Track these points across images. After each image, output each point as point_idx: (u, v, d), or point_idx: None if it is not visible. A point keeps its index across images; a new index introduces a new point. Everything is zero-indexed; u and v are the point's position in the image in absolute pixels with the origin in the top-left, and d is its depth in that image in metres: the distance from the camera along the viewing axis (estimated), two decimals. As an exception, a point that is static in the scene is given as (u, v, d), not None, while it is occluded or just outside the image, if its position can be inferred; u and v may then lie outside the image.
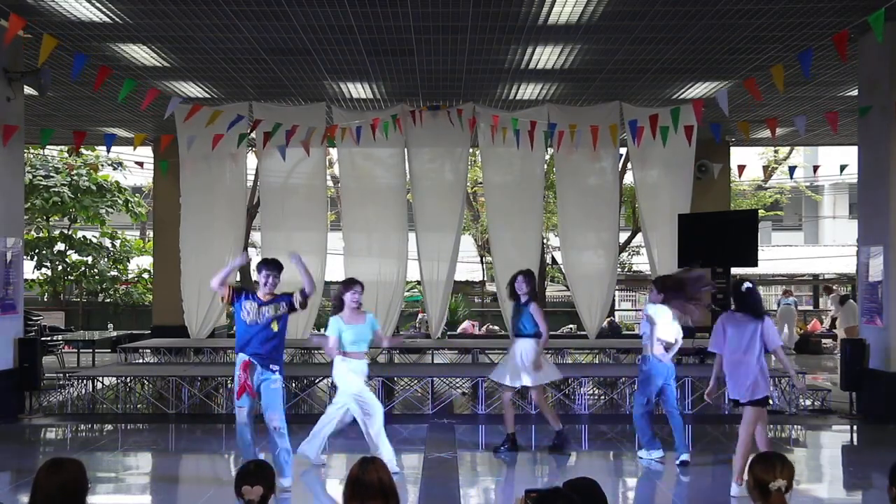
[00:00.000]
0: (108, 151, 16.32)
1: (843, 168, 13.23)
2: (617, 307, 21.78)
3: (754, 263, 11.38)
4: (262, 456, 6.99)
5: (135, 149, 15.32)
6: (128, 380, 11.32)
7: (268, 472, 3.72)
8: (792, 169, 17.87)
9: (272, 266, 7.04)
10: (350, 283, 7.61)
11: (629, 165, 14.76)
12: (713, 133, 11.97)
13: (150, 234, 21.44)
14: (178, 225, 13.91)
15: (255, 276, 7.22)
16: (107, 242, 21.13)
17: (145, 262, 21.74)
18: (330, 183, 19.24)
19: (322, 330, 8.80)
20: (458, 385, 12.17)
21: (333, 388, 7.85)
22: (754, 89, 9.68)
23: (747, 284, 6.75)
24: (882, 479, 5.89)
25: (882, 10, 7.30)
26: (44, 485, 3.43)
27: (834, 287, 21.19)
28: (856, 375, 10.35)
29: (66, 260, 20.60)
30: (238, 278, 14.50)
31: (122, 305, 21.17)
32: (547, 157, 15.95)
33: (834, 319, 18.97)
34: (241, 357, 6.96)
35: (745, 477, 3.65)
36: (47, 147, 20.31)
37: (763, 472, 3.49)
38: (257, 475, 3.68)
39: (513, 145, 12.69)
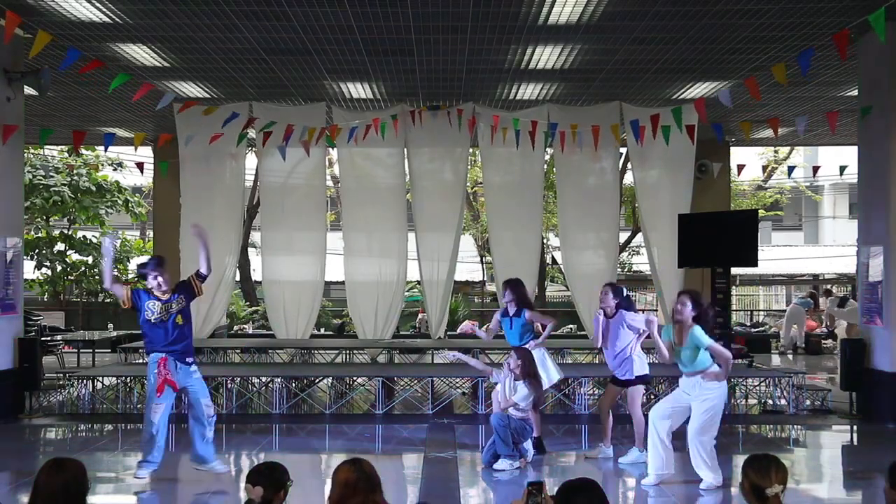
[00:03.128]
0: (106, 150, 16.29)
1: (842, 169, 13.23)
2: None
3: (754, 263, 11.37)
4: (262, 456, 7.02)
5: (136, 149, 15.32)
6: (128, 380, 11.31)
7: (277, 474, 3.69)
8: (791, 168, 17.88)
9: (152, 265, 7.14)
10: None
11: (629, 165, 14.75)
12: (715, 132, 11.96)
13: (150, 234, 21.45)
14: (178, 225, 13.90)
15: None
16: (107, 242, 21.10)
17: (145, 262, 21.72)
18: (330, 183, 19.25)
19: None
20: (458, 385, 12.17)
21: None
22: (754, 89, 9.67)
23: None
24: (882, 479, 5.89)
25: (882, 10, 7.29)
26: (44, 485, 3.43)
27: (833, 290, 21.21)
28: (856, 375, 10.35)
29: (66, 260, 20.60)
30: (233, 274, 14.46)
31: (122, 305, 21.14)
32: (547, 157, 15.95)
33: (832, 319, 19.00)
34: (155, 356, 7.01)
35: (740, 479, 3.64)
36: (47, 147, 20.31)
37: (758, 478, 3.47)
38: (264, 476, 3.66)
39: (513, 145, 12.68)
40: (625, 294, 8.13)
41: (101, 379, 11.26)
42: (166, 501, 7.19)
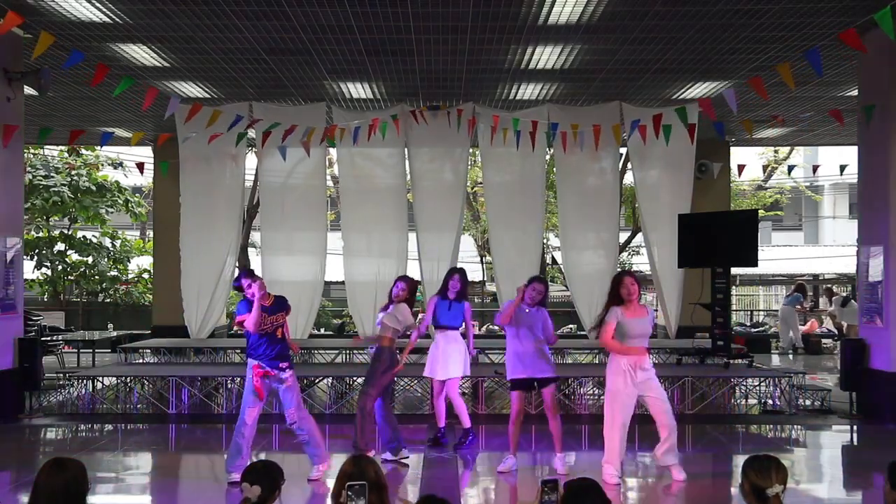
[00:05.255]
0: (102, 146, 16.23)
1: (843, 168, 13.24)
2: (617, 307, 21.74)
3: (754, 263, 11.36)
4: (263, 456, 7.03)
5: (132, 144, 15.28)
6: (128, 380, 11.32)
7: (274, 473, 3.70)
8: (790, 168, 17.85)
9: (243, 275, 7.27)
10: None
11: (629, 165, 14.75)
12: (717, 131, 11.95)
13: (150, 234, 21.46)
14: (178, 225, 13.91)
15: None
16: (107, 242, 21.13)
17: (145, 262, 21.74)
18: (330, 183, 19.26)
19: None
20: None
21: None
22: (761, 88, 9.64)
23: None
24: (882, 479, 5.91)
25: (888, 9, 7.27)
26: (45, 485, 3.43)
27: (835, 290, 21.17)
28: (856, 375, 10.36)
29: (66, 260, 20.60)
30: (233, 274, 14.49)
31: (122, 305, 21.16)
32: (547, 157, 15.97)
33: (834, 318, 18.98)
34: (252, 362, 7.13)
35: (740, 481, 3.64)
36: (47, 147, 20.31)
37: (759, 479, 3.47)
38: (261, 475, 3.66)
39: (513, 145, 12.68)
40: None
41: (101, 379, 11.26)
42: (167, 501, 7.19)
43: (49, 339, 14.81)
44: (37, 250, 20.00)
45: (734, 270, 12.77)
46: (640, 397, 7.19)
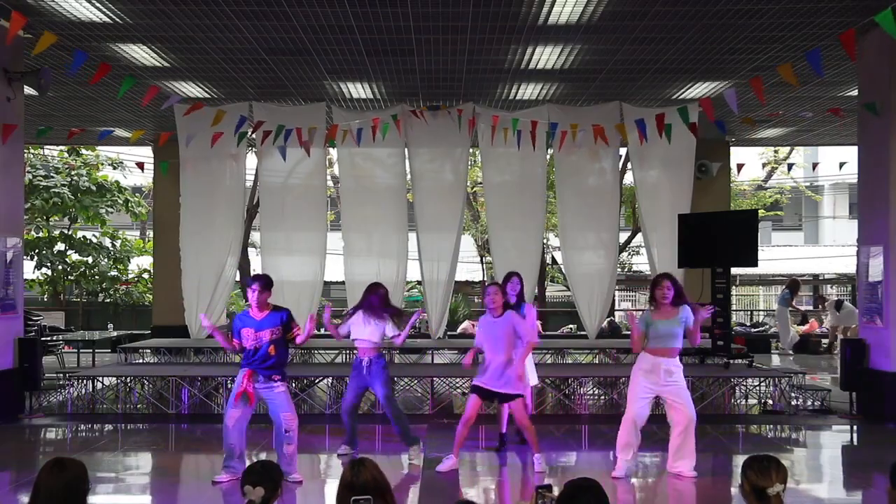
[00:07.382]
0: (100, 139, 16.20)
1: (841, 165, 13.25)
2: (617, 307, 21.80)
3: (754, 263, 11.37)
4: (263, 456, 7.04)
5: (132, 140, 15.26)
6: (128, 380, 11.31)
7: (274, 473, 3.70)
8: (790, 166, 17.84)
9: (258, 280, 7.15)
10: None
11: (629, 165, 14.75)
12: (719, 129, 11.94)
13: (150, 234, 21.46)
14: (178, 225, 13.90)
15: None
16: (107, 242, 21.13)
17: (145, 262, 21.75)
18: (330, 183, 19.26)
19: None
20: (458, 385, 12.15)
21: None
22: (759, 89, 9.64)
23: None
24: (882, 479, 5.85)
25: (889, 10, 7.28)
26: (46, 484, 3.43)
27: (826, 296, 21.12)
28: (856, 375, 10.36)
29: (66, 260, 20.60)
30: (238, 277, 14.49)
31: (122, 305, 21.17)
32: (547, 157, 15.98)
33: (835, 328, 18.92)
34: (243, 370, 7.15)
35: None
36: (47, 147, 20.30)
37: (759, 479, 3.47)
38: (261, 475, 3.66)
39: (513, 145, 12.67)
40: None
41: (101, 379, 11.26)
42: (167, 501, 7.18)
43: (49, 339, 14.82)
44: (37, 250, 20.00)
45: (734, 270, 12.75)
46: (664, 400, 7.27)
